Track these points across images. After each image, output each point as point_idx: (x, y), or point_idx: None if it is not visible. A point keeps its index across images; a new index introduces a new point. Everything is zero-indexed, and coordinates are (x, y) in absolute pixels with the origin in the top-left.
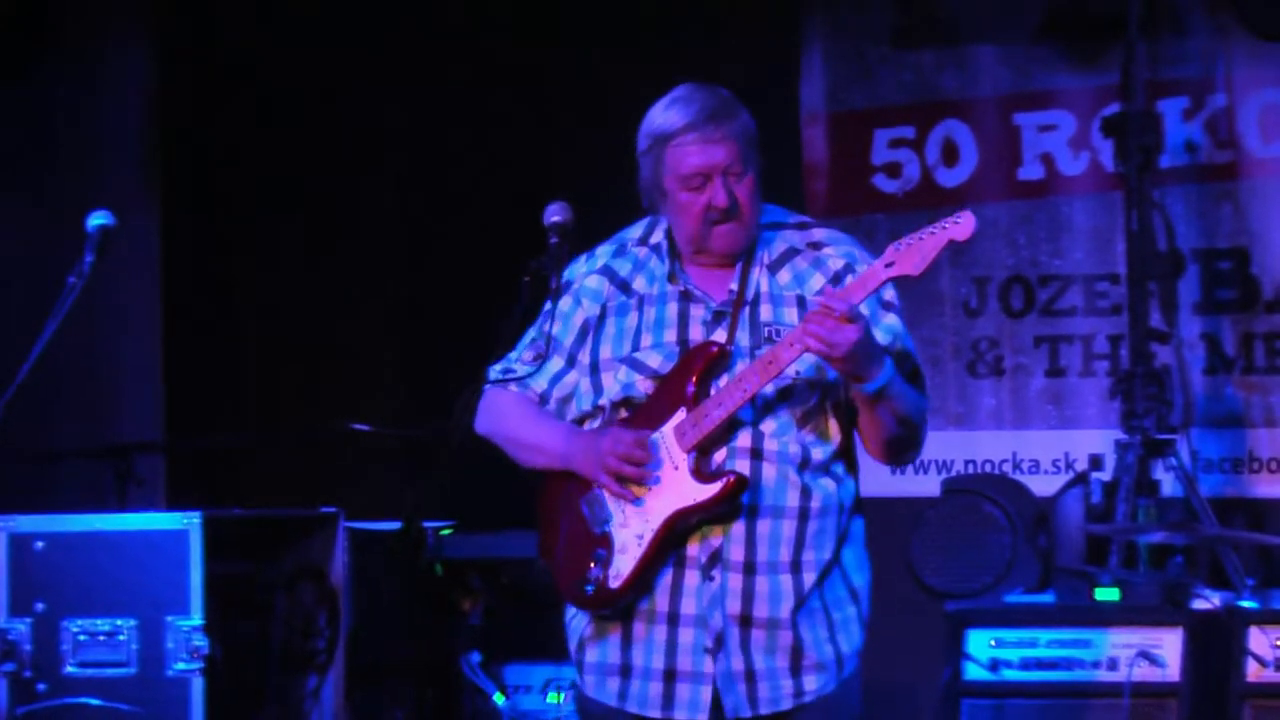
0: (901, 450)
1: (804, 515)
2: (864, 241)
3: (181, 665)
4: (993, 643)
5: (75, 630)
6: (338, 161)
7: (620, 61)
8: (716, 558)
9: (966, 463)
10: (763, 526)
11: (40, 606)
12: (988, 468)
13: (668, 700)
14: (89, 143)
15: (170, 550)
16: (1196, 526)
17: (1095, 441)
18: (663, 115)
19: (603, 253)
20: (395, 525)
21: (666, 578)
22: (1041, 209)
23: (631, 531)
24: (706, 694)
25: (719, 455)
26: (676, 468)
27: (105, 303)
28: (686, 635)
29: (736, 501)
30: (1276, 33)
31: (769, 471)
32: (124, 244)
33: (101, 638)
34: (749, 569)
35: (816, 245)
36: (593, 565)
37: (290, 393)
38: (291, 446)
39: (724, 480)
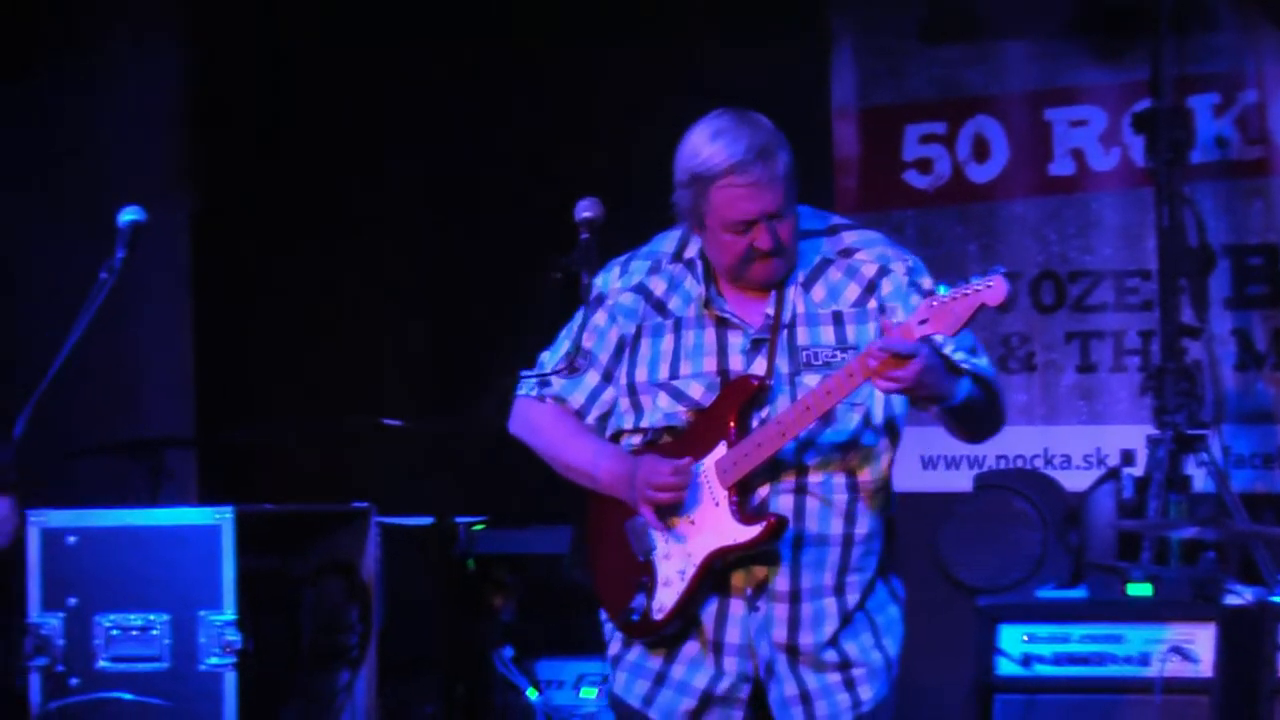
0: (988, 434)
1: (849, 541)
2: (894, 237)
3: (214, 660)
4: (1025, 638)
5: (108, 625)
6: (367, 156)
7: (652, 58)
8: (762, 589)
9: (998, 458)
10: (808, 556)
11: (73, 601)
12: (1019, 463)
13: (695, 718)
14: (119, 138)
15: (202, 545)
16: (1228, 522)
17: (1127, 437)
18: (708, 149)
19: (636, 268)
20: (427, 520)
21: (712, 606)
22: (1072, 205)
23: (674, 565)
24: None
25: (761, 491)
26: (717, 504)
27: (135, 298)
28: (730, 664)
29: (777, 541)
30: None
31: (813, 504)
32: (153, 239)
33: (134, 632)
34: (794, 597)
35: (848, 252)
36: (637, 593)
37: (320, 387)
38: (323, 441)
39: (764, 523)
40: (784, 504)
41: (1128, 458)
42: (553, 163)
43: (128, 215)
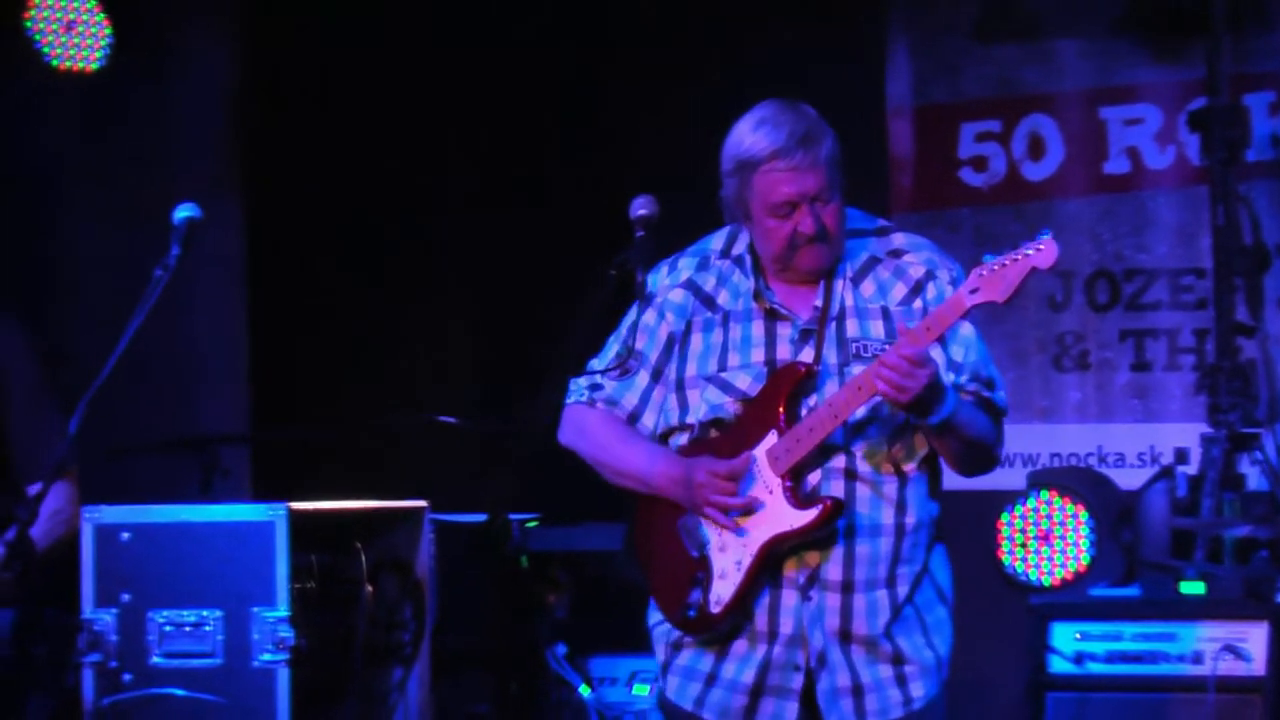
0: (973, 466)
1: (900, 531)
2: (949, 235)
3: (267, 656)
4: (1077, 636)
5: (161, 621)
6: (418, 155)
7: (707, 56)
8: (814, 578)
9: (1052, 456)
10: (861, 546)
11: (126, 597)
12: (1073, 461)
13: (749, 713)
14: (172, 139)
15: (256, 542)
16: None
17: (1180, 435)
18: (751, 137)
19: (685, 265)
20: (481, 518)
21: (765, 597)
22: (1127, 203)
23: (730, 557)
24: (793, 711)
25: (813, 478)
26: (771, 492)
27: (190, 296)
28: (781, 653)
29: (833, 525)
30: None
31: (864, 491)
32: (208, 238)
33: (187, 629)
34: (847, 588)
35: (897, 253)
36: (693, 589)
37: (375, 385)
38: (377, 439)
39: (820, 506)
40: (836, 490)
41: (1181, 456)
42: (607, 161)
43: (183, 212)
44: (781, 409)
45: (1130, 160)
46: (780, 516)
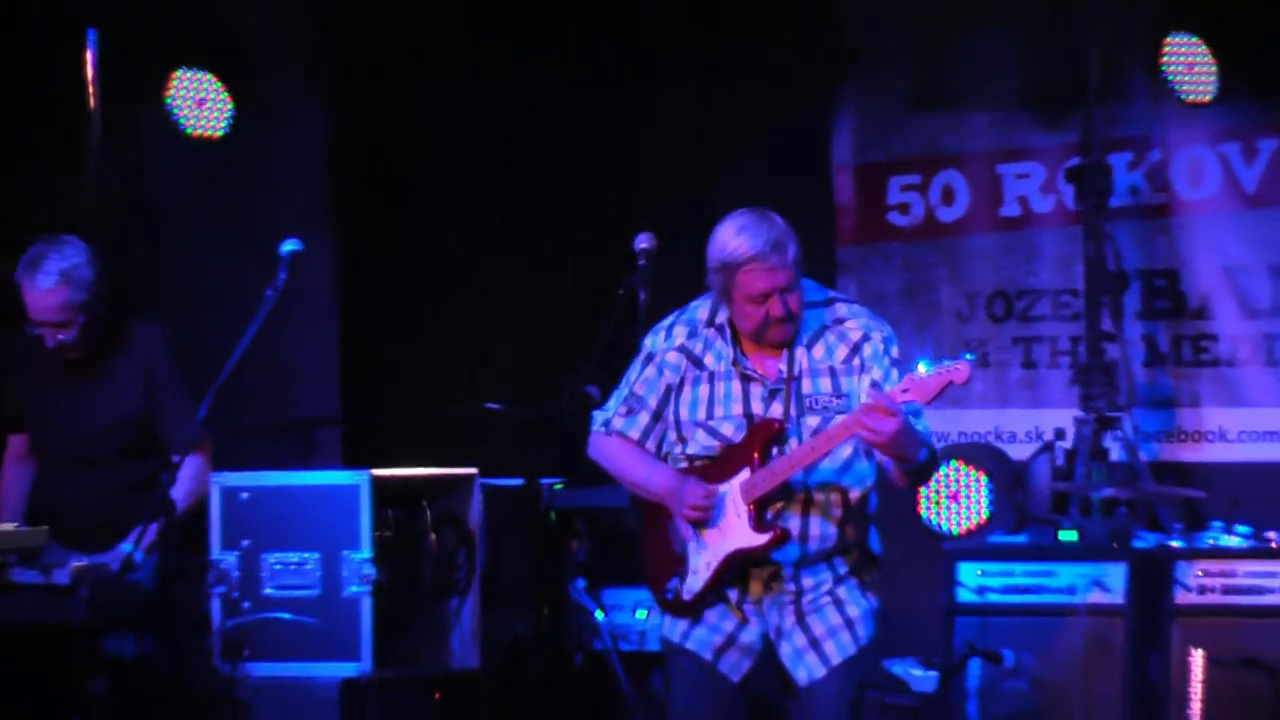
0: (921, 485)
1: (844, 538)
2: (883, 264)
3: (354, 589)
4: (980, 573)
5: (272, 561)
6: (475, 191)
7: (696, 122)
8: (776, 575)
9: (960, 434)
10: (811, 548)
11: (246, 543)
12: (976, 438)
13: (719, 653)
14: (280, 186)
15: (345, 500)
16: (1137, 484)
17: (1059, 418)
18: (734, 242)
19: (678, 333)
20: (519, 482)
21: (734, 590)
22: (1018, 239)
23: (702, 559)
24: (746, 665)
25: (776, 505)
26: (739, 515)
27: (293, 311)
28: (751, 622)
29: (783, 546)
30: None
31: (816, 515)
32: (308, 264)
33: (293, 567)
34: (798, 578)
35: (840, 321)
36: (673, 577)
37: (438, 378)
38: (439, 421)
39: (772, 533)
40: (794, 515)
41: (1060, 434)
42: (616, 201)
43: (288, 245)
44: (756, 454)
45: (1021, 206)
46: (742, 535)
